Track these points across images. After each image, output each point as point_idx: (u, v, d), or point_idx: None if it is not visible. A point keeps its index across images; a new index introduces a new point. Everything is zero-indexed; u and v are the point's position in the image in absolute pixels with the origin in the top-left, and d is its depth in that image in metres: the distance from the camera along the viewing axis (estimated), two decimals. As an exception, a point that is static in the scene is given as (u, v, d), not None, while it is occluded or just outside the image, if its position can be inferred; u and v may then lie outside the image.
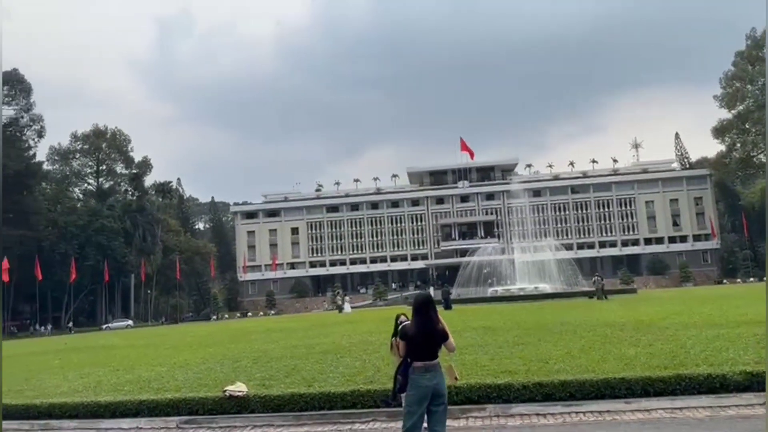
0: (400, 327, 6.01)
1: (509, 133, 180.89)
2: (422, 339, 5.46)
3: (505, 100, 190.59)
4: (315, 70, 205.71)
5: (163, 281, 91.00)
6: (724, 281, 75.95)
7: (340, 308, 50.37)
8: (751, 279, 72.63)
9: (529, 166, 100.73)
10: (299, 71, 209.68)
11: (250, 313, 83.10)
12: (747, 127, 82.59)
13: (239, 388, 9.38)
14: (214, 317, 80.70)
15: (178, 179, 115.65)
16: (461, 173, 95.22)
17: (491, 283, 49.58)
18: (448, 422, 6.02)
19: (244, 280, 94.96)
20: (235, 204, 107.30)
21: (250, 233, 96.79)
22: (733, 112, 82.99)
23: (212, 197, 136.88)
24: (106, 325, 71.08)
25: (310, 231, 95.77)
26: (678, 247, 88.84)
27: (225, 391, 9.33)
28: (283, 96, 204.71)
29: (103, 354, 21.66)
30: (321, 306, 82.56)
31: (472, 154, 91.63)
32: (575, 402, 8.10)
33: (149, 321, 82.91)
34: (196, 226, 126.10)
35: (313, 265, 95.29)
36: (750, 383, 7.77)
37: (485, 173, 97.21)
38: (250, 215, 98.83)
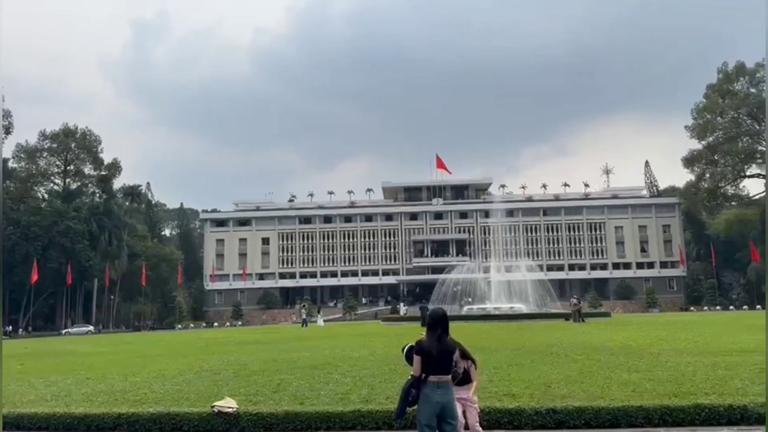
0: (415, 343, 5.78)
1: (483, 152, 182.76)
2: (437, 353, 5.46)
3: (480, 120, 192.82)
4: (292, 79, 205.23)
5: (127, 287, 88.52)
6: (691, 308, 77.24)
7: (305, 322, 48.34)
8: (717, 307, 74.04)
9: (502, 186, 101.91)
10: (276, 80, 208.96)
11: (216, 324, 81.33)
12: (716, 158, 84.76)
13: (228, 404, 8.72)
14: (179, 326, 78.69)
15: (148, 183, 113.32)
16: (436, 190, 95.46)
17: (469, 301, 49.38)
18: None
19: (211, 289, 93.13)
20: (205, 211, 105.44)
21: (219, 241, 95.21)
22: (703, 143, 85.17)
23: (181, 203, 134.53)
24: (66, 330, 68.64)
25: (281, 242, 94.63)
26: (645, 272, 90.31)
27: (213, 406, 8.67)
28: (258, 104, 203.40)
29: (68, 361, 20.53)
30: (289, 318, 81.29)
31: (448, 171, 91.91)
32: (589, 430, 7.70)
33: (110, 328, 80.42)
34: (164, 232, 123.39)
35: (282, 276, 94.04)
36: (773, 416, 7.46)
37: (459, 191, 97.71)
38: (220, 223, 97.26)
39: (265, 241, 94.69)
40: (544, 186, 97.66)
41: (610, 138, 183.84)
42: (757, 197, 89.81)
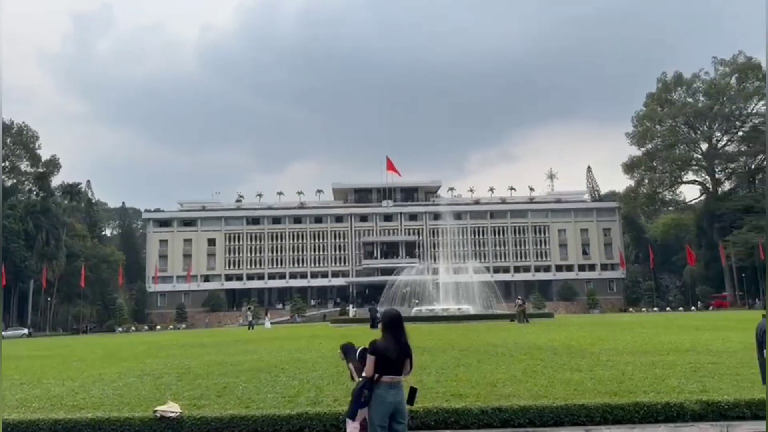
0: (369, 344, 5.76)
1: (433, 155, 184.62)
2: (394, 354, 5.49)
3: (430, 123, 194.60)
4: (240, 78, 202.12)
5: (65, 289, 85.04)
6: (629, 309, 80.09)
7: (251, 324, 47.82)
8: (655, 309, 77.01)
9: (451, 189, 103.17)
10: (224, 78, 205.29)
11: (158, 326, 79.13)
12: (654, 165, 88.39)
13: (171, 408, 8.48)
14: (120, 329, 76.19)
15: (88, 181, 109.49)
16: (386, 192, 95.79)
17: (417, 303, 49.70)
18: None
19: (154, 291, 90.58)
20: (148, 211, 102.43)
21: (163, 242, 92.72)
22: (642, 150, 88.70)
23: (123, 202, 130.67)
24: (-2, 334, 65.31)
25: (227, 243, 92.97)
26: (586, 274, 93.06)
27: (156, 411, 8.41)
28: (205, 102, 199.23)
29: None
30: (235, 321, 79.92)
31: (398, 174, 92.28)
32: (533, 428, 7.86)
33: (47, 330, 77.11)
34: (104, 232, 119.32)
35: (229, 278, 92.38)
36: (706, 412, 7.81)
37: (409, 194, 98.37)
38: (164, 223, 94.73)
39: (211, 242, 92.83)
40: (492, 189, 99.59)
41: (554, 144, 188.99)
42: (692, 202, 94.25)
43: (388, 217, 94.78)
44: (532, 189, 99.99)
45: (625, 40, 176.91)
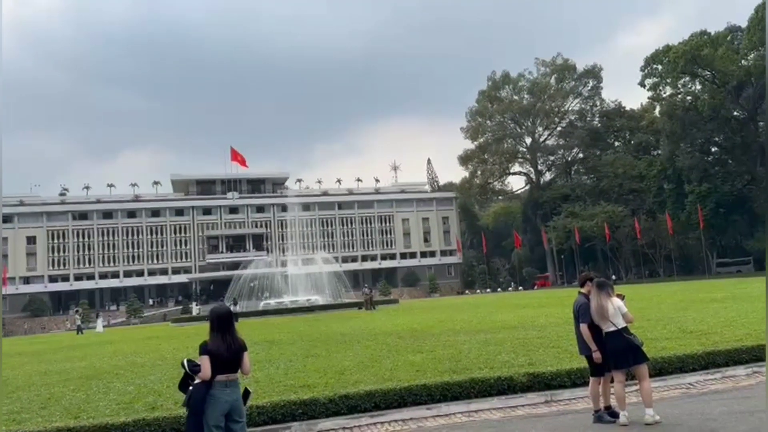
0: (199, 347, 5.43)
1: (277, 147, 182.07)
2: (227, 353, 5.31)
3: (273, 114, 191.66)
4: (61, 60, 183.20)
5: None
6: (466, 292, 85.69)
7: (80, 329, 44.76)
8: (487, 290, 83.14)
9: (299, 180, 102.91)
10: (41, 58, 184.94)
11: (-33, 337, 69.64)
12: (486, 157, 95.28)
13: (-18, 429, 7.52)
14: None
15: None
16: (231, 184, 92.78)
17: (265, 296, 48.87)
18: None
19: (-39, 297, 79.51)
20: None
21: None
22: (475, 143, 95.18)
23: None
24: None
25: (50, 240, 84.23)
26: (428, 261, 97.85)
27: (-39, 434, 7.40)
28: (18, 85, 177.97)
29: None
30: (62, 326, 72.71)
31: (243, 163, 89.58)
32: (380, 412, 8.08)
33: None
34: None
35: (53, 279, 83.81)
36: (532, 383, 8.54)
37: (256, 185, 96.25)
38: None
39: (31, 240, 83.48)
40: (339, 181, 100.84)
41: (397, 137, 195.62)
42: (519, 192, 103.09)
43: (233, 210, 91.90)
44: (377, 180, 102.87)
45: (463, 39, 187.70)
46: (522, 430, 7.07)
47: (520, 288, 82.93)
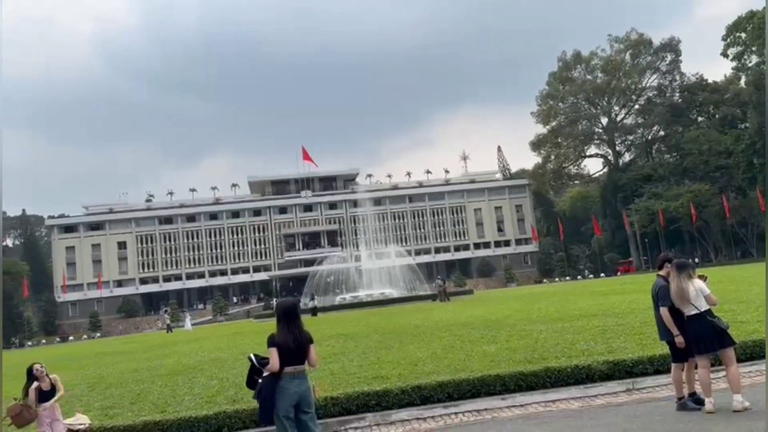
0: (267, 339, 5.54)
1: (346, 144, 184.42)
2: (293, 345, 5.42)
3: (340, 112, 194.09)
4: (141, 73, 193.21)
5: (-39, 307, 78.74)
6: (544, 281, 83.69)
7: (170, 328, 47.24)
8: (567, 278, 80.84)
9: (369, 176, 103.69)
10: (123, 73, 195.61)
11: (71, 337, 74.99)
12: (559, 141, 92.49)
13: (79, 421, 8.04)
14: (29, 343, 71.56)
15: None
16: (304, 183, 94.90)
17: (338, 292, 49.69)
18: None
19: (64, 300, 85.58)
20: (51, 217, 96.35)
21: (69, 249, 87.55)
22: (547, 127, 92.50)
23: (23, 210, 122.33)
24: None
25: (139, 245, 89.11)
26: (502, 250, 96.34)
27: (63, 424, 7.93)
28: (105, 99, 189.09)
29: None
30: (154, 326, 76.89)
31: (314, 164, 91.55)
32: (453, 402, 8.01)
33: (-57, 353, 71.23)
34: (5, 243, 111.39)
35: (144, 281, 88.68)
36: (612, 372, 8.21)
37: (327, 183, 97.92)
38: (69, 229, 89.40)
39: (122, 245, 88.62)
40: (409, 174, 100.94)
41: (465, 126, 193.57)
42: (596, 175, 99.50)
43: (307, 208, 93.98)
44: (447, 171, 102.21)
45: (527, 22, 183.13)
46: (602, 419, 6.80)
47: (602, 275, 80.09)
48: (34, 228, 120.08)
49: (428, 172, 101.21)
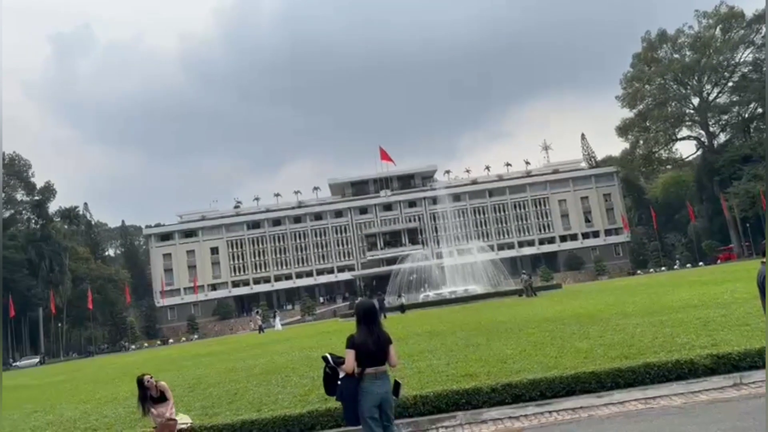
0: (346, 340, 5.57)
1: (422, 141, 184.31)
2: (373, 346, 5.42)
3: (415, 110, 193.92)
4: (223, 84, 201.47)
5: (74, 313, 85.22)
6: (638, 272, 79.95)
7: (261, 328, 48.75)
8: (663, 268, 76.84)
9: (447, 172, 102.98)
10: (207, 86, 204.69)
11: (171, 340, 79.28)
12: (648, 125, 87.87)
13: (182, 420, 8.42)
14: (133, 347, 76.40)
15: (85, 204, 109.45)
16: (383, 182, 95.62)
17: (423, 288, 49.71)
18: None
19: (162, 305, 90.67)
20: (148, 227, 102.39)
21: (166, 256, 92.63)
22: (634, 111, 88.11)
23: (122, 221, 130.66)
24: (15, 364, 65.58)
25: (230, 249, 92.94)
26: (591, 242, 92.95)
27: (167, 424, 8.35)
28: (192, 112, 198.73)
29: (13, 396, 19.54)
30: (247, 327, 79.95)
31: (392, 162, 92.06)
32: (547, 401, 7.77)
33: (61, 356, 77.34)
34: (107, 253, 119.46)
35: (235, 284, 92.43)
36: (717, 366, 7.71)
37: (406, 181, 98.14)
38: (165, 237, 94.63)
39: (214, 250, 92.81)
40: (488, 168, 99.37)
41: (545, 116, 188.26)
42: (689, 158, 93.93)
43: (387, 207, 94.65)
44: (527, 163, 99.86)
45: (604, 6, 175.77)
46: (709, 416, 6.38)
47: (701, 264, 75.49)
48: (133, 238, 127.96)
49: (508, 164, 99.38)
